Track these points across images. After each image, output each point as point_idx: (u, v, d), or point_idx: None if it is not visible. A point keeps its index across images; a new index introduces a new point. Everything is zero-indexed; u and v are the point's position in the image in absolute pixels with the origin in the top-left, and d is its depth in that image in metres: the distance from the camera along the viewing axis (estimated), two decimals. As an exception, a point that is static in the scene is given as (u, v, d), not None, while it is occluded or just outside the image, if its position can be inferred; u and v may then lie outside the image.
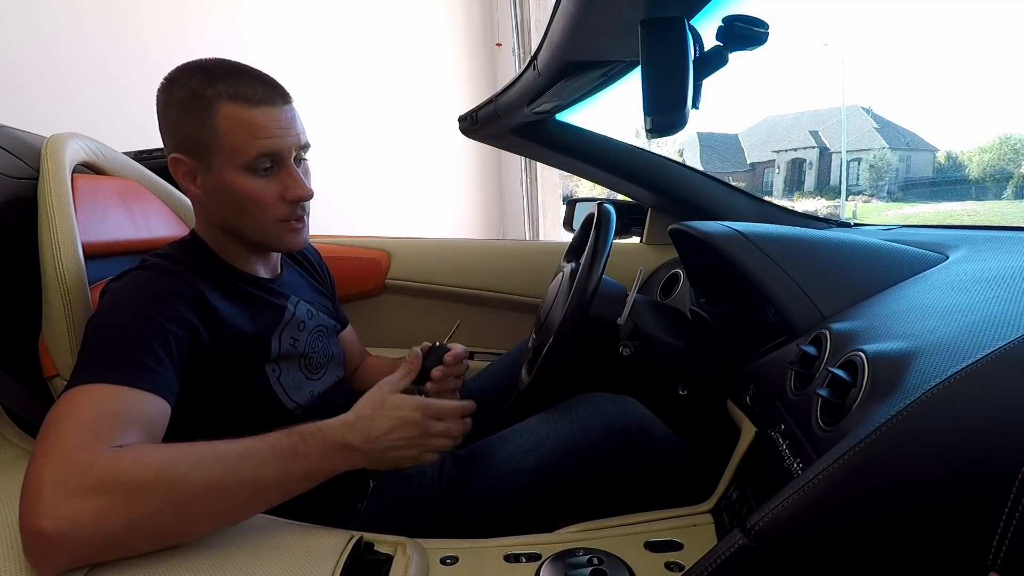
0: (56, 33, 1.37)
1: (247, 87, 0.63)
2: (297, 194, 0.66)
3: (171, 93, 0.64)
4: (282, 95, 0.66)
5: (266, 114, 0.63)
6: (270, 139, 0.63)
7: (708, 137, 7.33)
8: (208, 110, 0.62)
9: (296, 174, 0.67)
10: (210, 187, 0.66)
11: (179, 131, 0.64)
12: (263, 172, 0.65)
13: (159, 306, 0.58)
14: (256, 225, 0.67)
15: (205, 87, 0.62)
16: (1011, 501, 0.32)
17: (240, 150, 0.63)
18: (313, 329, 0.78)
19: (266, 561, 0.49)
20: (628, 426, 0.70)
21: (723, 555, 0.38)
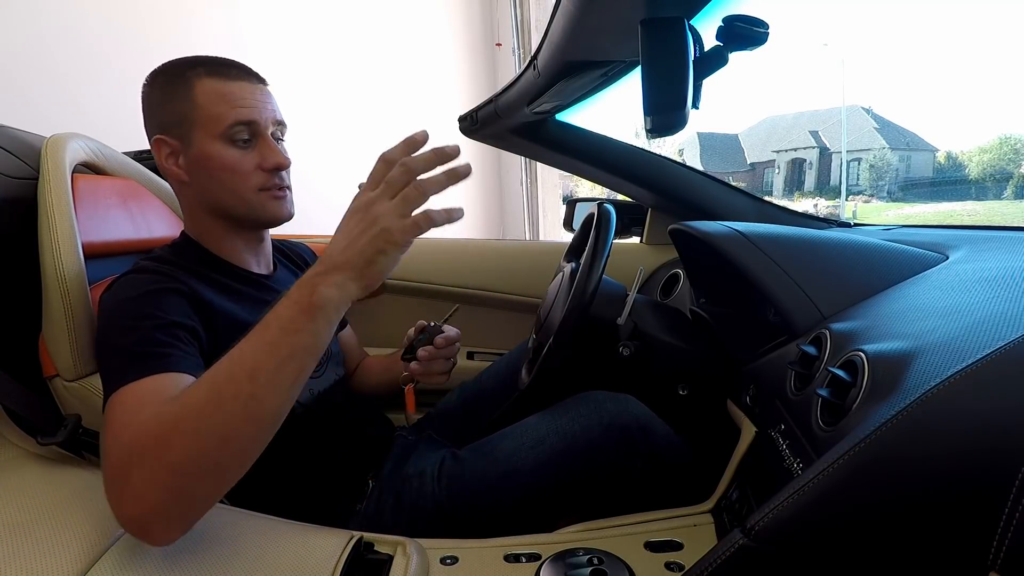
0: (56, 33, 1.37)
1: (223, 66, 0.68)
2: (275, 161, 0.68)
3: (154, 81, 0.69)
4: (258, 78, 0.70)
5: (242, 87, 0.67)
6: (246, 108, 0.66)
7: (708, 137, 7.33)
8: (187, 86, 0.66)
9: (273, 144, 0.69)
10: (191, 162, 0.68)
11: (161, 111, 0.68)
12: (241, 143, 0.67)
13: (156, 302, 0.59)
14: (238, 196, 0.69)
15: (185, 69, 0.67)
16: (1011, 501, 0.32)
17: (217, 118, 0.66)
18: None
19: (266, 561, 0.49)
20: (628, 424, 0.70)
21: (723, 555, 0.38)
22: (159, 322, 0.57)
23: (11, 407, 0.65)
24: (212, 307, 0.64)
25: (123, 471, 0.45)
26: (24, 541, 0.48)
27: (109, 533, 0.50)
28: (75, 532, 0.49)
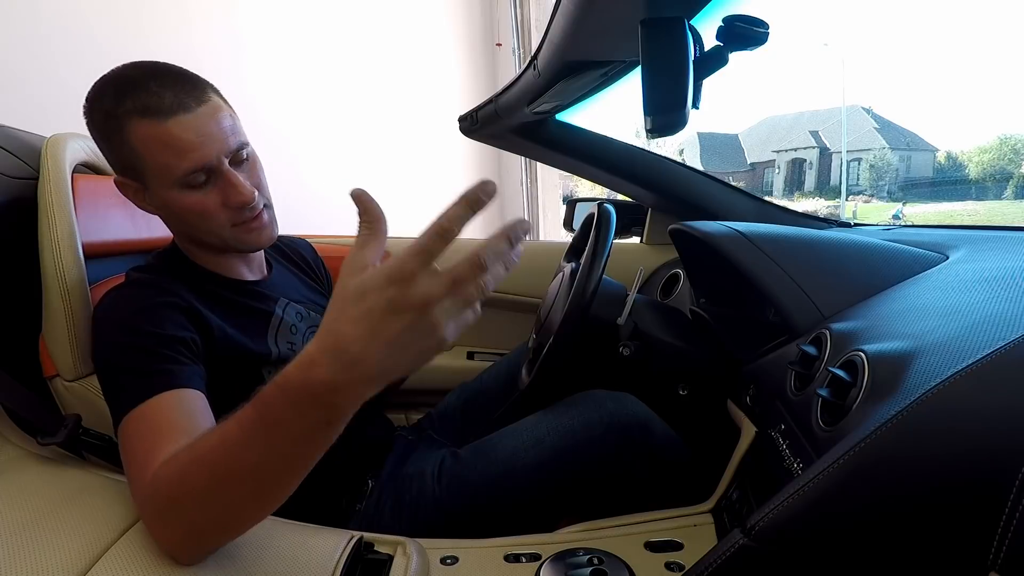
0: (57, 33, 1.37)
1: (154, 96, 0.57)
2: (238, 201, 0.62)
3: (93, 118, 0.61)
4: (195, 95, 0.59)
5: (180, 125, 0.58)
6: (193, 152, 0.58)
7: (708, 137, 7.33)
8: (123, 131, 0.58)
9: (234, 179, 0.62)
10: (157, 204, 0.64)
11: (109, 155, 0.63)
12: (200, 185, 0.61)
13: (151, 319, 0.58)
14: (211, 234, 0.65)
15: (115, 106, 0.58)
16: (1011, 501, 0.32)
17: (165, 169, 0.59)
18: (306, 331, 0.77)
19: (266, 561, 0.49)
20: (628, 423, 0.70)
21: (723, 555, 0.38)
22: (159, 338, 0.57)
23: (11, 407, 0.65)
24: (207, 320, 0.63)
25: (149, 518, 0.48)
26: (25, 541, 0.48)
27: (109, 532, 0.50)
28: (75, 532, 0.49)
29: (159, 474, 0.46)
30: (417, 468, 0.74)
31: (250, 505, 0.44)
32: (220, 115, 0.61)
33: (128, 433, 0.52)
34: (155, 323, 0.58)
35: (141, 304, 0.60)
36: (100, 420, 0.66)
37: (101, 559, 0.47)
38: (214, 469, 0.42)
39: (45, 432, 0.62)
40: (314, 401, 0.38)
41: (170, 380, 0.54)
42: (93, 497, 0.56)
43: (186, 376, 0.55)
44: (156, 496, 0.46)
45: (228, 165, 0.61)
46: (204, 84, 0.62)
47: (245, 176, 0.64)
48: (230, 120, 0.62)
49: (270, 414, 0.39)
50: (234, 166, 0.63)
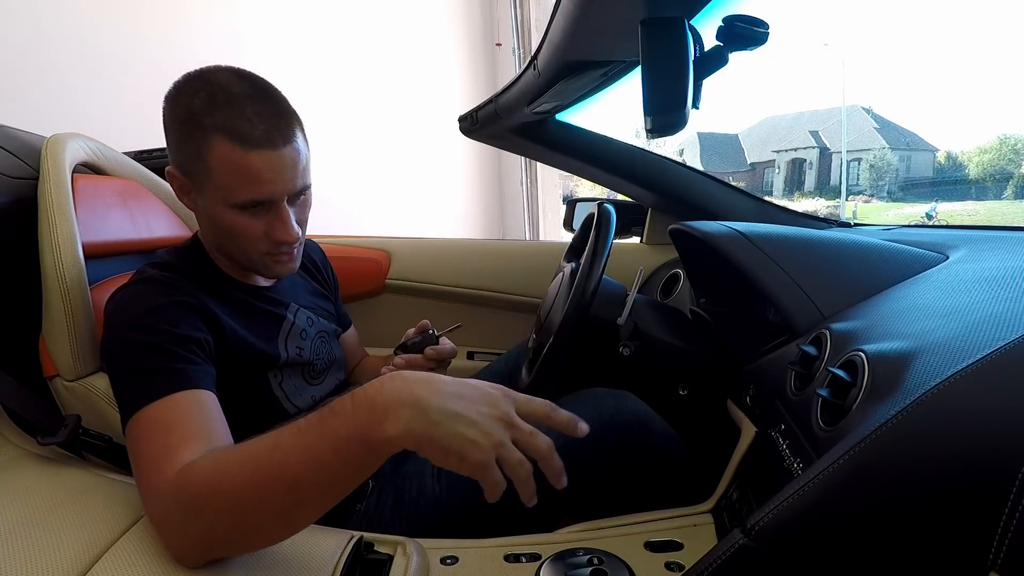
0: (57, 33, 1.37)
1: (246, 123, 0.58)
2: (280, 238, 0.64)
3: (174, 109, 0.61)
4: (284, 134, 0.60)
5: (261, 158, 0.58)
6: (261, 186, 0.60)
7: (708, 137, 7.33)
8: (203, 142, 0.58)
9: (285, 216, 0.63)
10: (200, 208, 0.65)
11: (175, 150, 0.63)
12: (252, 211, 0.62)
13: (165, 317, 0.58)
14: (241, 253, 0.66)
15: (204, 115, 0.58)
16: (1011, 501, 0.32)
17: (229, 191, 0.60)
18: (315, 335, 0.78)
19: (266, 561, 0.49)
20: (627, 420, 0.70)
21: (723, 555, 0.38)
22: (173, 337, 0.57)
23: (11, 407, 0.65)
24: (220, 321, 0.64)
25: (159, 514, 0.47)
26: (25, 541, 0.48)
27: (109, 532, 0.50)
28: (75, 531, 0.49)
29: (188, 475, 0.46)
30: (417, 467, 0.74)
31: (277, 519, 0.44)
32: (298, 158, 0.62)
33: (140, 430, 0.51)
34: (169, 321, 0.58)
35: (155, 302, 0.59)
36: (100, 420, 0.66)
37: (101, 559, 0.47)
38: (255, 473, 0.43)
39: (45, 432, 0.62)
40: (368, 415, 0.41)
41: (183, 379, 0.54)
42: (93, 497, 0.56)
43: (199, 376, 0.55)
44: (178, 498, 0.45)
45: (286, 202, 0.63)
46: (295, 121, 0.63)
47: (295, 211, 0.65)
48: (304, 164, 0.64)
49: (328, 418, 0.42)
50: (290, 201, 0.64)
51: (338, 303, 0.93)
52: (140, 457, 0.50)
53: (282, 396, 0.70)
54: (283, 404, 0.70)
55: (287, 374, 0.72)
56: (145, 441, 0.51)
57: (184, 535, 0.46)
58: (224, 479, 0.44)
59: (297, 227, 0.65)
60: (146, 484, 0.48)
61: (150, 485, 0.48)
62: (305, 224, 0.69)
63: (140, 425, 0.51)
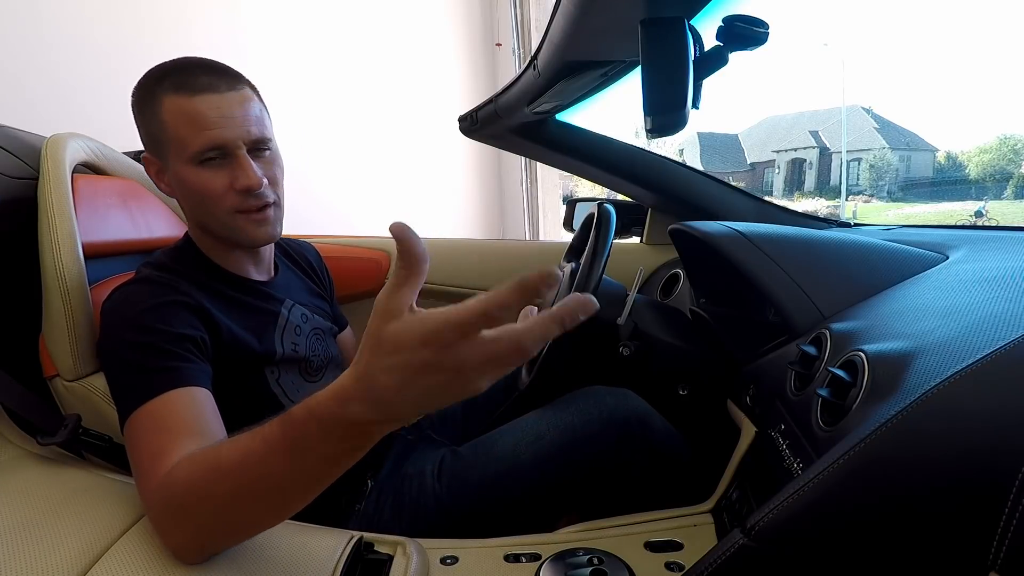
0: (57, 33, 1.37)
1: (191, 77, 0.61)
2: (244, 184, 0.63)
3: (134, 95, 0.65)
4: (228, 81, 0.63)
5: (207, 102, 0.61)
6: (212, 130, 0.61)
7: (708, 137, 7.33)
8: (155, 104, 0.62)
9: (246, 163, 0.63)
10: (173, 183, 0.66)
11: (140, 128, 0.66)
12: (212, 163, 0.63)
13: (162, 316, 0.59)
14: (215, 218, 0.66)
15: (155, 84, 0.62)
16: (1011, 501, 0.32)
17: (183, 142, 0.61)
18: (309, 332, 0.78)
19: (266, 561, 0.49)
20: (627, 417, 0.70)
21: (723, 555, 0.38)
22: (168, 336, 0.57)
23: (11, 407, 0.65)
24: (216, 319, 0.64)
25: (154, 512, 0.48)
26: (25, 540, 0.48)
27: (109, 532, 0.50)
28: (75, 531, 0.50)
29: (174, 475, 0.46)
30: (417, 467, 0.74)
31: (267, 515, 0.46)
32: (248, 103, 0.64)
33: (136, 430, 0.52)
34: (165, 321, 0.58)
35: (151, 301, 0.60)
36: (100, 420, 0.66)
37: (101, 559, 0.47)
38: (237, 482, 0.43)
39: (45, 432, 0.62)
40: (345, 432, 0.39)
41: (179, 377, 0.54)
42: (93, 497, 0.56)
43: (195, 374, 0.56)
44: (168, 497, 0.46)
45: (245, 151, 0.63)
46: (242, 78, 0.65)
47: (260, 166, 0.65)
48: (258, 112, 0.65)
49: (299, 436, 0.40)
50: (252, 155, 0.64)
51: (334, 304, 0.93)
52: (137, 456, 0.51)
53: (280, 393, 0.70)
54: (281, 400, 0.70)
55: (283, 370, 0.71)
56: (141, 440, 0.51)
57: (179, 532, 0.46)
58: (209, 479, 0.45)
59: (262, 176, 0.64)
60: (143, 482, 0.49)
61: (147, 483, 0.49)
62: (276, 184, 0.68)
63: (136, 424, 0.52)
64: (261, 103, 0.67)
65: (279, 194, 0.69)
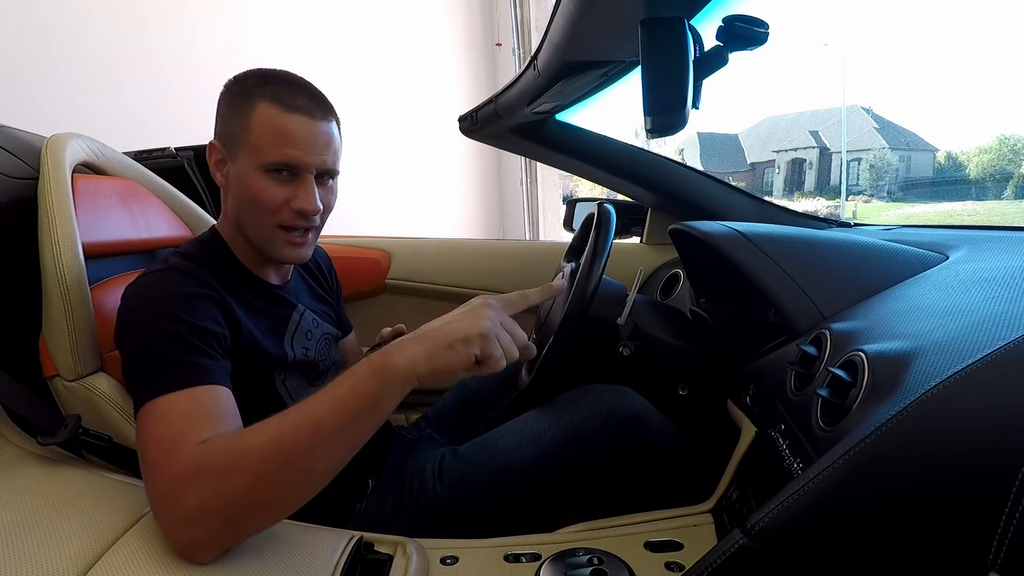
0: (57, 33, 1.37)
1: (290, 94, 0.64)
2: (302, 205, 0.65)
3: (228, 88, 0.67)
4: (323, 111, 0.66)
5: (299, 123, 0.63)
6: (294, 149, 0.63)
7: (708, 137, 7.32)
8: (248, 105, 0.64)
9: (311, 186, 0.65)
10: (232, 177, 0.67)
11: (222, 121, 0.67)
12: (279, 176, 0.65)
13: (188, 307, 0.58)
14: (258, 225, 0.67)
15: (254, 86, 0.64)
16: (1011, 501, 0.32)
17: (263, 150, 0.63)
18: (320, 337, 0.78)
19: (266, 561, 0.49)
20: (626, 414, 0.70)
21: (723, 555, 0.38)
22: (193, 328, 0.57)
23: (11, 407, 0.65)
24: (237, 318, 0.64)
25: (175, 495, 0.46)
26: (25, 541, 0.48)
27: (110, 532, 0.50)
28: (76, 531, 0.49)
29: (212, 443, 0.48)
30: (417, 466, 0.74)
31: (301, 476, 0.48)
32: (332, 137, 0.67)
33: (157, 416, 0.51)
34: (192, 312, 0.58)
35: (180, 290, 0.60)
36: (100, 420, 0.66)
37: (101, 559, 0.47)
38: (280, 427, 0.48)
39: (45, 432, 0.62)
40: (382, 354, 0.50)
41: (205, 374, 0.54)
42: (93, 497, 0.56)
43: (218, 373, 0.56)
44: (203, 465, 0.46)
45: (313, 176, 0.66)
46: (334, 113, 0.68)
47: (321, 193, 0.67)
48: (336, 149, 0.68)
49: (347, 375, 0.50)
50: (317, 180, 0.67)
51: (340, 309, 0.93)
52: (155, 441, 0.50)
53: (285, 394, 0.71)
54: (285, 402, 0.71)
55: (291, 374, 0.72)
56: (162, 426, 0.50)
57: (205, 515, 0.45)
58: (250, 439, 0.48)
59: (319, 203, 0.67)
60: (162, 466, 0.48)
61: (167, 467, 0.47)
62: (326, 213, 0.70)
63: (158, 411, 0.51)
64: (340, 138, 0.70)
65: (324, 221, 0.71)
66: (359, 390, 0.49)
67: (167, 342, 0.55)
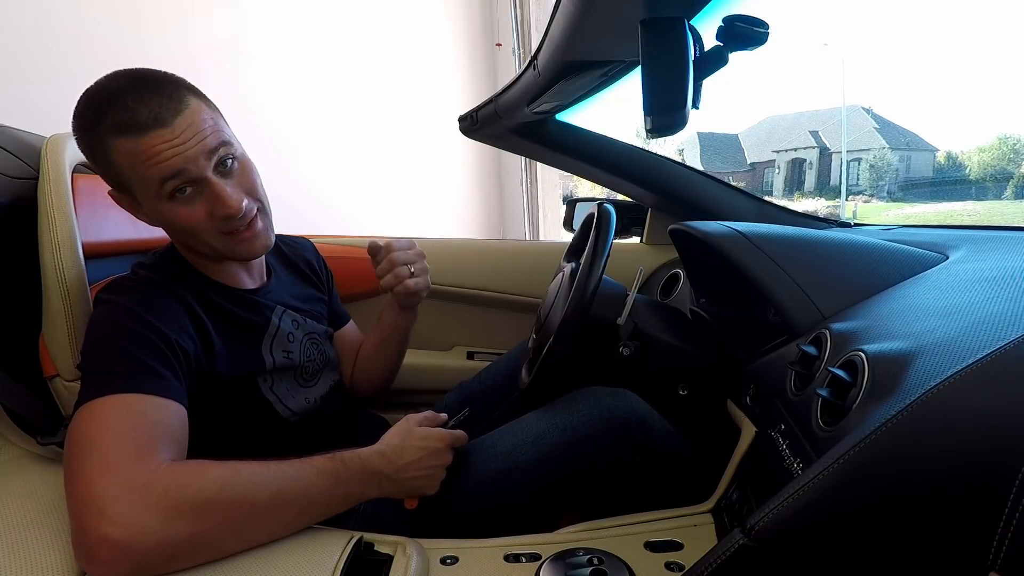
0: (58, 33, 1.37)
1: (130, 112, 0.56)
2: (222, 212, 0.61)
3: (77, 136, 0.60)
4: (171, 107, 0.57)
5: (157, 138, 0.56)
6: (166, 163, 0.57)
7: (708, 137, 7.31)
8: (102, 148, 0.58)
9: (220, 189, 0.60)
10: (152, 217, 0.64)
11: (98, 171, 0.62)
12: (186, 196, 0.60)
13: (159, 316, 0.58)
14: (204, 244, 0.64)
15: (95, 124, 0.57)
16: (1011, 501, 0.32)
17: (145, 182, 0.58)
18: (303, 339, 0.77)
19: (266, 561, 0.49)
20: (627, 418, 0.70)
21: (723, 555, 0.38)
22: (165, 338, 0.57)
23: (11, 407, 0.65)
24: (208, 331, 0.64)
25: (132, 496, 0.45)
26: (24, 540, 0.48)
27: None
28: (75, 532, 0.49)
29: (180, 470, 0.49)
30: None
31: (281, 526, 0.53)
32: (196, 119, 0.59)
33: (108, 414, 0.50)
34: (164, 320, 0.58)
35: (151, 299, 0.60)
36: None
37: (101, 559, 0.47)
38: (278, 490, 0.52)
39: (45, 432, 0.62)
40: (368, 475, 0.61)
41: (169, 388, 0.54)
42: (93, 497, 0.55)
43: (181, 392, 0.56)
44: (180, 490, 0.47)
45: (213, 174, 0.60)
46: (182, 89, 0.60)
47: (234, 184, 0.62)
48: (211, 122, 0.60)
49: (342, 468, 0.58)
50: (221, 174, 0.61)
51: (333, 300, 0.92)
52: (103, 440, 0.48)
53: (274, 400, 0.70)
54: (276, 408, 0.70)
55: (277, 378, 0.71)
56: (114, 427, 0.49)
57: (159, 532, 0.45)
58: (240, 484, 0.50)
59: (240, 196, 0.62)
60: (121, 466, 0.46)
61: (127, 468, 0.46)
62: (254, 193, 0.65)
63: (109, 409, 0.50)
64: (208, 105, 0.62)
65: (262, 199, 0.66)
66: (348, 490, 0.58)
67: (135, 343, 0.55)
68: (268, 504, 0.51)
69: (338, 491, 0.57)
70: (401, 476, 0.62)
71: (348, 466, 0.58)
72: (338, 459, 0.58)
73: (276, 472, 0.53)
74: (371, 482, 0.60)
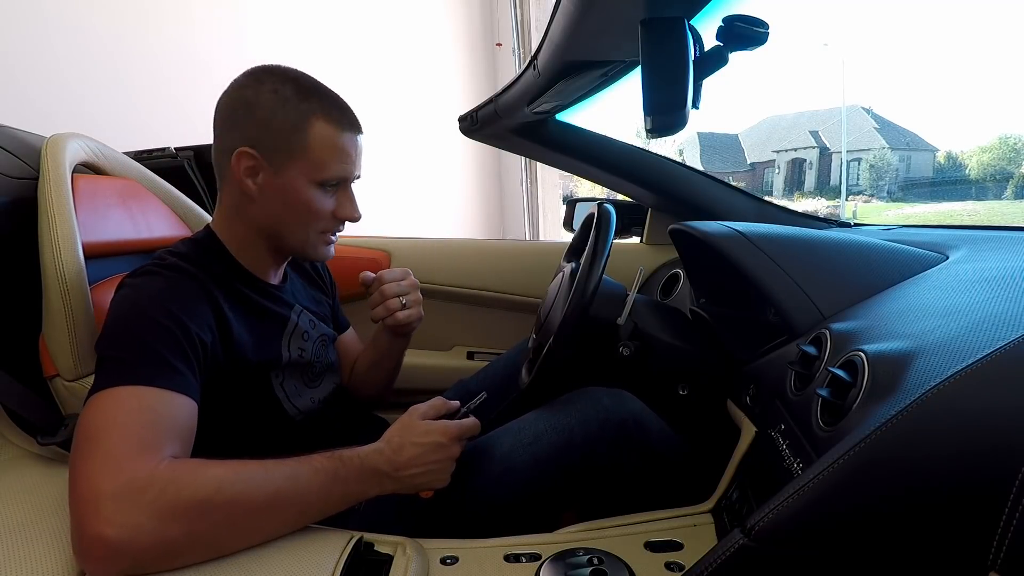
0: (57, 33, 1.37)
1: (337, 111, 0.67)
2: (349, 215, 0.71)
3: (260, 92, 0.65)
4: (359, 127, 0.71)
5: (351, 141, 0.68)
6: (348, 165, 0.68)
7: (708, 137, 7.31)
8: (302, 121, 0.65)
9: (353, 197, 0.72)
10: (271, 187, 0.66)
11: (260, 129, 0.64)
12: (328, 189, 0.68)
13: (181, 306, 0.58)
14: (301, 232, 0.70)
15: (300, 99, 0.65)
16: (1011, 501, 0.32)
17: (322, 167, 0.66)
18: (316, 338, 0.78)
19: (266, 561, 0.49)
20: (624, 419, 0.70)
21: (723, 555, 0.38)
22: (187, 332, 0.57)
23: (12, 407, 0.65)
24: (229, 322, 0.64)
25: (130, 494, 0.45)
26: (24, 541, 0.48)
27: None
28: (75, 532, 0.49)
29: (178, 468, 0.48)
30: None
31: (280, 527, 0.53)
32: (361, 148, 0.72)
33: (123, 407, 0.50)
34: (188, 314, 0.58)
35: (175, 288, 0.60)
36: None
37: (101, 559, 0.47)
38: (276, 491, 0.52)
39: (45, 432, 0.62)
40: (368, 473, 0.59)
41: (185, 384, 0.55)
42: (93, 497, 0.56)
43: (195, 388, 0.56)
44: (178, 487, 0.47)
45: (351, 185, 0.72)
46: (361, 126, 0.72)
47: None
48: None
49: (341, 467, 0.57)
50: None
51: (336, 306, 0.93)
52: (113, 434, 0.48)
53: (283, 397, 0.70)
54: (284, 405, 0.70)
55: (288, 375, 0.72)
56: (123, 420, 0.49)
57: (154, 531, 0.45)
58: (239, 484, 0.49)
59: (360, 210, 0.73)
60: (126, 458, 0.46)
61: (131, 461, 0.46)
62: None
63: (121, 400, 0.50)
64: None
65: None
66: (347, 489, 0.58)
67: (152, 335, 0.55)
68: (266, 504, 0.51)
69: (337, 490, 0.56)
70: (401, 474, 0.60)
71: (347, 465, 0.57)
72: (337, 458, 0.57)
73: (274, 472, 0.53)
74: (371, 481, 0.59)
